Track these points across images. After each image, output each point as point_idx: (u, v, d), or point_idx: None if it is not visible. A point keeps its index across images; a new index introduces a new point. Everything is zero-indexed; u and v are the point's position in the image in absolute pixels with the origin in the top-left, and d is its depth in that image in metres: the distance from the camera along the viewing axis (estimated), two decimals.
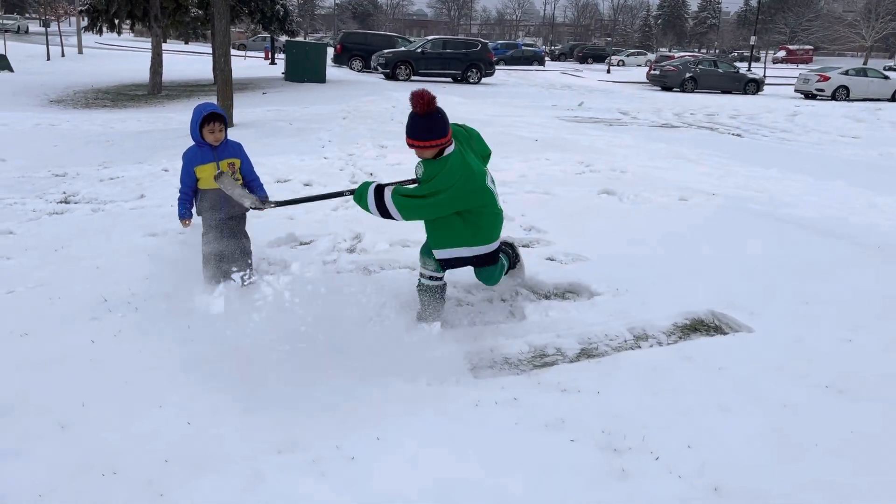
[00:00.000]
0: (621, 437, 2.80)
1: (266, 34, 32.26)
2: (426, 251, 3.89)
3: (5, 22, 50.17)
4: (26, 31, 52.24)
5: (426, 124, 3.49)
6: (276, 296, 4.30)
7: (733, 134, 14.06)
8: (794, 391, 3.10)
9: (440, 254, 3.81)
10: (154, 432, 2.90)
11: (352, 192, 3.86)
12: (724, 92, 29.64)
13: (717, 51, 78.45)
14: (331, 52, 31.85)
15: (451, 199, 3.52)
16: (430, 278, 3.93)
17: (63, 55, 34.00)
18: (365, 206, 3.69)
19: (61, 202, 7.03)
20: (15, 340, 3.84)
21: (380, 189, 3.64)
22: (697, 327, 3.91)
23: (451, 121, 3.66)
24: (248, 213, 4.50)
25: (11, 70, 24.60)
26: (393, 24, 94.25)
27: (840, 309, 4.05)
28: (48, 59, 31.66)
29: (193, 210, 4.42)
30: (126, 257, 5.10)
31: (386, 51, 27.70)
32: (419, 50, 27.60)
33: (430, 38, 31.40)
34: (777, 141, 13.36)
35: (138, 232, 5.70)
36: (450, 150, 3.59)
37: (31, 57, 31.45)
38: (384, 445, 2.78)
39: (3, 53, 25.37)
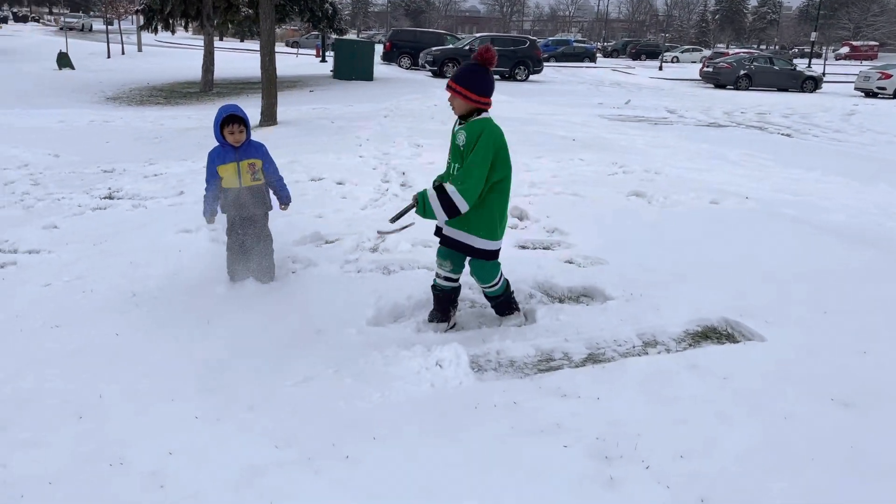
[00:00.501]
0: (614, 444, 2.79)
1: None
2: (444, 253, 3.85)
3: (70, 20, 52.12)
4: (90, 29, 54.15)
5: (473, 74, 3.47)
6: (293, 295, 4.44)
7: (782, 134, 13.71)
8: (798, 403, 3.04)
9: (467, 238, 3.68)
10: (163, 425, 3.02)
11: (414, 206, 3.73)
12: (780, 90, 28.86)
13: (777, 47, 76.24)
14: (380, 49, 32.14)
15: (497, 153, 3.51)
16: (446, 279, 3.91)
17: (123, 53, 35.11)
18: (431, 213, 3.57)
19: (105, 198, 7.31)
20: (46, 332, 4.03)
21: (439, 188, 3.55)
22: (709, 335, 3.86)
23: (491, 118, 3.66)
24: (269, 213, 4.61)
25: (73, 68, 25.54)
26: (445, 20, 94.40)
27: (859, 319, 3.94)
28: (108, 56, 32.74)
29: (218, 207, 4.55)
30: (158, 253, 5.28)
31: (434, 48, 27.82)
32: (467, 47, 27.62)
33: (478, 35, 31.41)
34: (828, 141, 12.98)
35: (173, 228, 5.88)
36: (486, 115, 3.60)
37: (92, 55, 32.58)
38: (379, 445, 2.84)
39: (66, 52, 26.33)
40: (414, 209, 3.70)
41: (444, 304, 3.97)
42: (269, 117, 12.49)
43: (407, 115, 13.30)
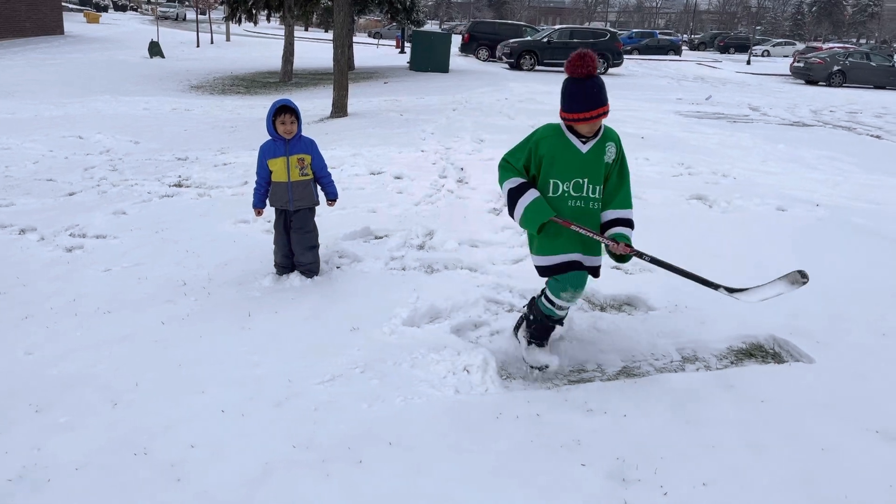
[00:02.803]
0: (634, 466, 2.69)
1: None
2: (579, 283, 3.32)
3: (165, 10, 54.29)
4: (184, 19, 56.27)
5: (598, 86, 3.06)
6: (334, 291, 4.48)
7: (871, 135, 12.93)
8: (839, 434, 2.85)
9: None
10: (190, 416, 3.10)
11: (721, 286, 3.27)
12: (877, 87, 27.26)
13: (879, 42, 72.00)
14: (458, 41, 32.11)
15: None
16: (567, 309, 3.46)
17: (212, 42, 36.32)
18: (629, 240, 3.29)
19: (174, 185, 7.57)
20: (99, 317, 4.21)
21: (625, 222, 3.29)
22: (754, 353, 3.67)
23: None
24: (316, 207, 4.66)
25: (163, 56, 26.58)
26: (528, 12, 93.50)
27: None
28: (198, 45, 33.92)
29: (267, 200, 4.64)
30: (214, 242, 5.44)
31: (511, 40, 27.58)
32: (545, 39, 27.29)
33: (556, 27, 30.95)
34: None
35: (231, 218, 6.03)
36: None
37: (182, 43, 33.86)
38: (395, 451, 2.83)
39: (157, 41, 27.43)
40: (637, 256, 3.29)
41: (549, 330, 3.56)
42: (339, 109, 12.68)
43: (475, 109, 13.22)
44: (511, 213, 3.31)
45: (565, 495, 2.55)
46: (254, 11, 21.61)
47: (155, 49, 26.70)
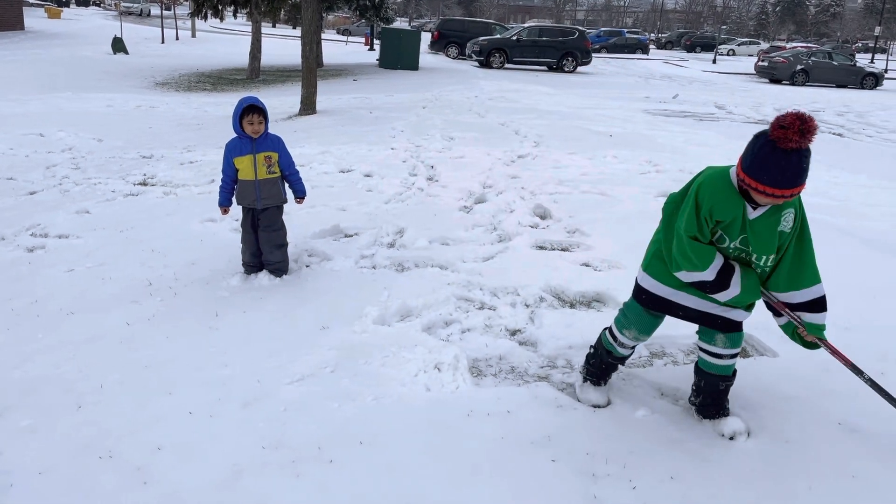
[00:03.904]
0: (603, 461, 2.71)
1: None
2: (646, 327, 3.00)
3: (128, 5, 53.36)
4: (148, 14, 55.31)
5: (806, 161, 2.39)
6: (304, 290, 4.45)
7: (833, 133, 13.21)
8: (802, 426, 2.90)
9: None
10: (157, 418, 3.05)
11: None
12: (839, 86, 27.89)
13: (840, 42, 73.53)
14: (427, 38, 32.08)
15: None
16: (631, 348, 3.10)
17: (177, 38, 35.79)
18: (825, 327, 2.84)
19: (139, 184, 7.44)
20: (62, 318, 4.12)
21: (815, 305, 2.76)
22: None
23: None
24: (284, 205, 4.62)
25: (127, 52, 26.12)
26: (497, 10, 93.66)
27: (882, 337, 3.75)
28: (163, 41, 33.40)
29: (233, 199, 4.59)
30: (180, 241, 5.35)
31: (481, 38, 27.64)
32: (514, 37, 27.38)
33: (526, 25, 31.09)
34: (881, 142, 12.46)
35: (198, 217, 5.95)
36: None
37: (147, 39, 33.31)
38: (365, 450, 2.81)
39: (121, 37, 26.94)
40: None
41: (610, 367, 3.20)
42: (308, 106, 12.58)
43: (445, 107, 13.23)
44: (716, 291, 2.72)
45: (536, 491, 2.56)
46: (220, 7, 21.34)
47: (118, 45, 26.22)
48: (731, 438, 2.86)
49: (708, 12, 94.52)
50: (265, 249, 4.58)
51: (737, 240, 2.64)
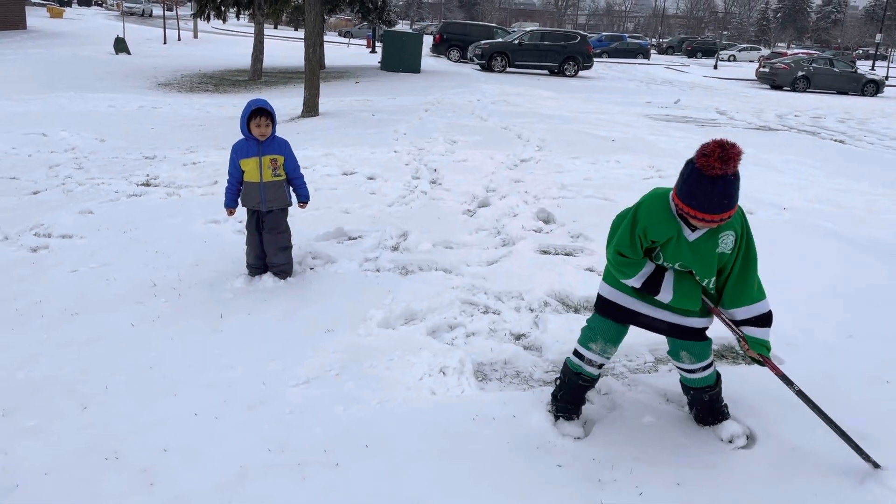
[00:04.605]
0: (609, 467, 2.71)
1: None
2: (612, 336, 2.95)
3: (131, 5, 53.40)
4: (150, 15, 55.35)
5: (732, 188, 2.41)
6: (308, 292, 4.45)
7: (835, 140, 13.22)
8: (807, 434, 2.90)
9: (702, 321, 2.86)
10: (162, 420, 3.05)
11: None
12: (839, 93, 27.91)
13: (841, 48, 73.64)
14: (429, 41, 32.11)
15: None
16: (600, 366, 2.99)
17: (179, 39, 35.80)
18: (769, 343, 2.84)
19: (142, 185, 7.44)
20: (66, 319, 4.12)
21: (757, 321, 2.78)
22: (725, 354, 3.73)
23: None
24: (289, 208, 4.62)
25: (129, 53, 26.13)
26: (499, 13, 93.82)
27: (885, 345, 3.76)
28: (164, 42, 33.42)
29: (239, 200, 4.59)
30: (184, 243, 5.35)
31: (482, 42, 27.68)
32: (516, 41, 27.42)
33: (528, 29, 31.13)
34: (883, 149, 12.46)
35: (202, 218, 5.95)
36: None
37: (149, 40, 33.31)
38: (371, 454, 2.81)
39: (123, 37, 26.95)
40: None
41: (583, 394, 3.08)
42: (311, 108, 12.59)
43: (448, 110, 13.23)
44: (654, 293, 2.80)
45: (542, 497, 2.56)
46: (223, 8, 21.35)
47: (121, 45, 26.23)
48: (730, 441, 2.88)
49: (709, 18, 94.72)
50: (269, 251, 4.58)
51: (676, 263, 2.70)
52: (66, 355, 3.63)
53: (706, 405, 2.98)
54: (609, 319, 2.93)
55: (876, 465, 2.64)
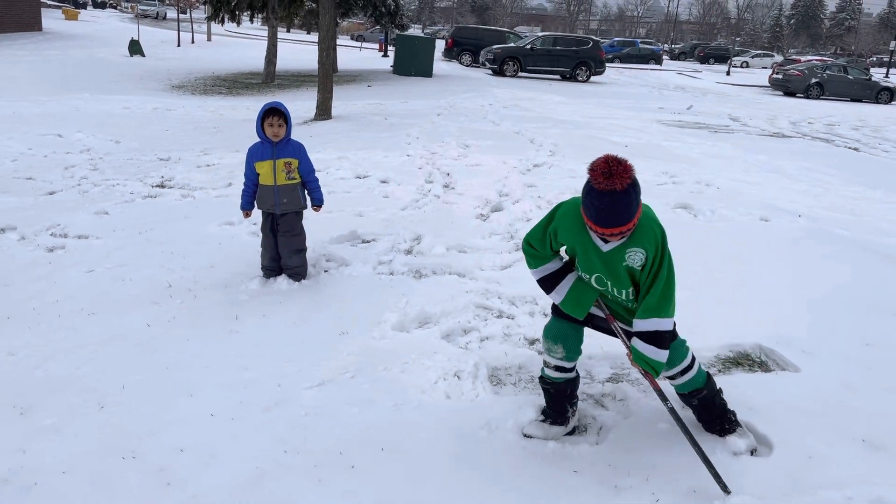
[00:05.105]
0: (626, 473, 2.71)
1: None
2: (555, 334, 2.92)
3: (145, 8, 53.79)
4: (164, 18, 55.69)
5: (621, 205, 2.42)
6: (322, 295, 4.46)
7: (849, 147, 13.15)
8: (824, 441, 2.88)
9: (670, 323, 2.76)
10: (178, 420, 3.07)
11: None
12: (853, 100, 27.73)
13: (855, 55, 73.22)
14: (441, 45, 32.16)
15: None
16: (557, 368, 2.95)
17: (193, 42, 35.98)
18: (658, 364, 2.72)
19: (157, 186, 7.49)
20: (83, 318, 4.15)
21: (644, 336, 2.69)
22: (741, 361, 3.71)
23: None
24: (304, 211, 4.64)
25: (143, 55, 26.30)
26: (511, 18, 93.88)
27: None
28: (178, 45, 33.61)
29: (254, 202, 4.61)
30: (199, 244, 5.38)
31: (494, 46, 27.69)
32: (528, 46, 27.40)
33: (540, 34, 31.14)
34: None
35: (216, 220, 5.98)
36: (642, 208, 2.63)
37: (163, 42, 33.50)
38: (386, 457, 2.82)
39: (137, 39, 27.14)
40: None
41: (560, 401, 3.02)
42: (324, 111, 12.63)
43: (460, 114, 13.25)
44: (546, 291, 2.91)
45: (558, 502, 2.56)
46: (237, 12, 21.47)
47: (135, 47, 26.41)
48: (735, 454, 2.85)
49: (722, 24, 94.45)
50: (284, 254, 4.60)
51: (594, 275, 2.75)
52: (83, 355, 3.66)
53: (698, 409, 2.97)
54: (560, 319, 2.93)
55: (727, 491, 2.57)
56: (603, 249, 2.65)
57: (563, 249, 2.88)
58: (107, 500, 2.55)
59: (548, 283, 2.87)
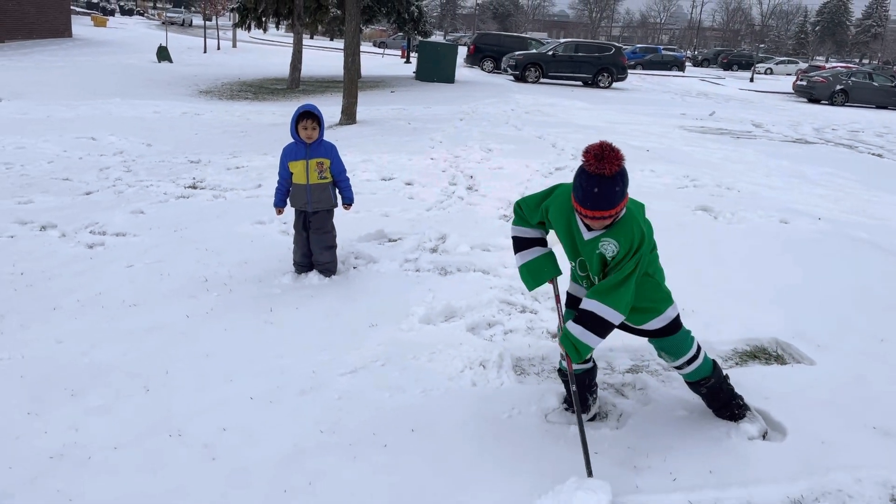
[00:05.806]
0: (644, 454, 2.84)
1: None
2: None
3: (172, 15, 54.67)
4: (190, 24, 56.65)
5: (609, 189, 2.49)
6: (352, 290, 4.64)
7: (873, 153, 13.12)
8: (838, 428, 3.00)
9: (657, 322, 2.92)
10: (220, 402, 3.25)
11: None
12: (879, 107, 27.52)
13: (881, 62, 72.45)
14: (464, 52, 32.39)
15: (651, 249, 2.83)
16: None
17: (219, 48, 36.58)
18: (584, 347, 2.72)
19: (189, 187, 7.73)
20: (125, 310, 4.36)
21: (582, 316, 2.71)
22: (758, 354, 3.83)
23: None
24: (334, 210, 4.82)
25: (171, 61, 26.81)
26: (533, 24, 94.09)
27: None
28: (205, 51, 34.18)
29: (287, 200, 4.80)
30: (232, 242, 5.59)
31: (516, 53, 27.86)
32: (550, 52, 27.54)
33: (562, 40, 31.23)
34: None
35: (248, 219, 6.18)
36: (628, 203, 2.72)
37: (190, 49, 34.10)
38: (417, 437, 2.98)
39: (165, 45, 27.67)
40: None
41: (579, 391, 3.08)
42: (349, 116, 12.86)
43: (482, 119, 13.42)
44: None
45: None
46: (263, 19, 21.85)
47: (163, 54, 26.93)
48: (750, 439, 2.98)
49: (746, 30, 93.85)
50: (315, 250, 4.78)
51: (577, 259, 2.87)
52: (127, 343, 3.86)
53: (707, 397, 3.09)
54: (569, 309, 3.07)
55: (590, 474, 2.64)
56: (584, 237, 2.74)
57: (552, 233, 3.00)
58: (159, 471, 2.74)
59: (519, 244, 3.06)
